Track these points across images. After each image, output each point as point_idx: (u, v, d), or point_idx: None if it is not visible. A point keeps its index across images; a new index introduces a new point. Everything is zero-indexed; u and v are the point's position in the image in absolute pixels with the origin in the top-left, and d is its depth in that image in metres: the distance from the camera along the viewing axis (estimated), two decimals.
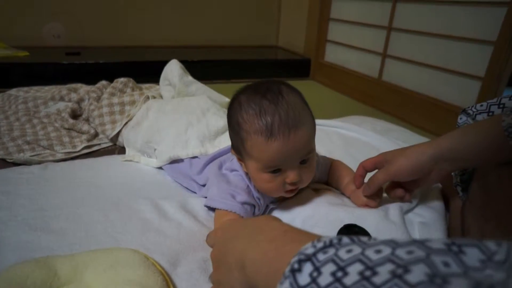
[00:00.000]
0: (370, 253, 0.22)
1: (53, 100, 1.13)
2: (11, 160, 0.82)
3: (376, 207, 0.61)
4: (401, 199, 0.63)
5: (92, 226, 0.59)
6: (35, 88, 1.26)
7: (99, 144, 0.95)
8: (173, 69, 1.08)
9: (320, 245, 0.24)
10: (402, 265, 0.20)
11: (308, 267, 0.23)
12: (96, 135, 0.98)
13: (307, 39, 2.32)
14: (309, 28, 2.28)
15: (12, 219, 0.59)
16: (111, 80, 1.13)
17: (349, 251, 0.23)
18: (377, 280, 0.19)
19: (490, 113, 0.62)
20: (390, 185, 0.63)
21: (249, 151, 0.55)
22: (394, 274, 0.19)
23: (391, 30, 1.70)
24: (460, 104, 1.40)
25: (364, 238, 0.25)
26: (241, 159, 0.60)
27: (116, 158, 0.86)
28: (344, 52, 2.06)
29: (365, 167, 0.63)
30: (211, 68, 2.05)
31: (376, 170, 0.62)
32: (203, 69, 1.99)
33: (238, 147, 0.58)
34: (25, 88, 1.24)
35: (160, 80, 1.16)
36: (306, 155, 0.55)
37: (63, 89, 1.15)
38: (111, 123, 0.94)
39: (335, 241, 0.25)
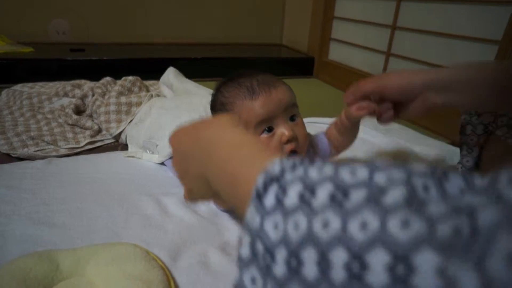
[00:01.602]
0: (344, 174, 0.20)
1: (57, 96, 1.13)
2: (16, 155, 0.83)
3: (366, 112, 0.55)
4: (386, 115, 0.56)
5: (94, 221, 0.59)
6: (40, 84, 1.27)
7: (102, 140, 0.96)
8: (168, 73, 1.18)
9: (288, 164, 0.22)
10: (379, 188, 0.18)
11: (274, 188, 0.21)
12: (99, 131, 0.99)
13: (311, 38, 2.31)
14: (313, 27, 2.27)
15: (15, 213, 0.60)
16: (115, 76, 1.14)
17: (320, 170, 0.21)
18: (348, 203, 0.18)
19: (493, 112, 0.62)
20: (379, 100, 0.56)
21: None
22: (369, 198, 0.18)
23: (395, 29, 1.70)
24: None
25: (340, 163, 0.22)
26: None
27: (118, 154, 0.87)
28: (348, 50, 2.06)
29: (360, 85, 0.56)
30: (215, 65, 2.05)
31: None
32: (207, 67, 1.99)
33: None
34: (30, 84, 1.25)
35: (159, 84, 1.22)
36: (291, 107, 0.57)
37: (67, 85, 1.15)
38: (117, 122, 0.95)
39: (305, 160, 0.22)
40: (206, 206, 0.65)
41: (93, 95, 1.08)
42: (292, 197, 0.20)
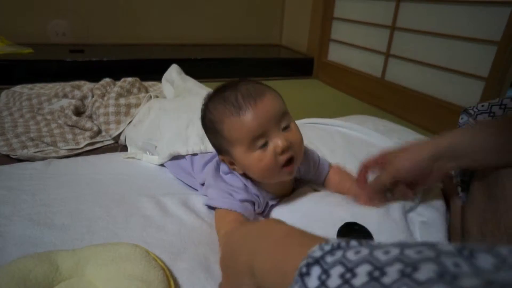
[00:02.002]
0: (378, 253, 0.22)
1: (56, 97, 1.13)
2: (15, 156, 0.83)
3: (381, 205, 0.60)
4: (404, 196, 0.62)
5: (94, 222, 0.59)
6: (39, 85, 1.27)
7: (102, 141, 0.96)
8: (172, 70, 1.19)
9: (327, 247, 0.25)
10: (411, 264, 0.20)
11: (316, 270, 0.23)
12: (99, 132, 0.99)
13: (310, 38, 2.32)
14: (313, 27, 2.27)
15: (15, 214, 0.60)
16: (114, 77, 1.14)
17: (357, 252, 0.23)
18: (386, 280, 0.20)
19: (492, 114, 0.62)
20: (393, 183, 0.63)
21: (229, 137, 0.56)
22: (403, 273, 0.19)
23: (395, 30, 1.70)
24: (463, 104, 1.39)
25: (373, 242, 0.25)
26: (231, 161, 0.60)
27: (118, 155, 0.87)
28: (347, 51, 2.06)
29: (367, 167, 0.63)
30: (215, 66, 2.05)
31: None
32: (207, 67, 1.99)
33: (221, 145, 0.59)
34: (29, 85, 1.25)
35: (162, 81, 1.22)
36: (282, 117, 0.56)
37: (66, 86, 1.15)
38: (116, 123, 0.95)
39: (343, 243, 0.25)
40: (206, 208, 0.65)
41: (92, 96, 1.08)
42: (334, 279, 0.22)
